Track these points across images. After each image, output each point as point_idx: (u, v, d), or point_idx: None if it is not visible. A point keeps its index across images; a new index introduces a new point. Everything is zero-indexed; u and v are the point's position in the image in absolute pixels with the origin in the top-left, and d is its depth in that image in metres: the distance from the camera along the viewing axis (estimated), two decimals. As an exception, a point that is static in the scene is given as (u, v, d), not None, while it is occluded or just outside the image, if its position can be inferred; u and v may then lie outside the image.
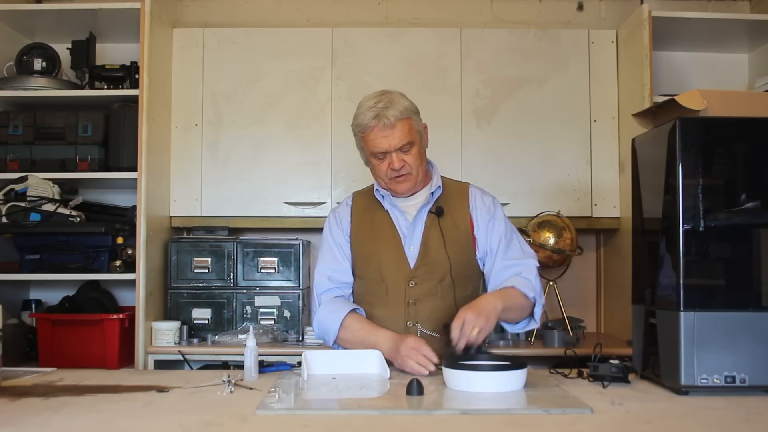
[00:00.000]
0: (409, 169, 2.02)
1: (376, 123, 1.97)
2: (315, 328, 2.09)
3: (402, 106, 1.99)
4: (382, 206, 2.12)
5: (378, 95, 2.01)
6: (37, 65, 3.19)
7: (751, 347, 1.63)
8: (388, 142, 1.98)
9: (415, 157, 2.03)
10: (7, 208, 2.96)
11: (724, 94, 1.84)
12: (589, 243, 3.54)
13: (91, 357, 2.89)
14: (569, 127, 3.31)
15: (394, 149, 1.99)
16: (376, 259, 2.08)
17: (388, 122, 1.96)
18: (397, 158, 1.99)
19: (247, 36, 3.35)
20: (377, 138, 1.98)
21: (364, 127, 1.99)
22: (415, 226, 2.08)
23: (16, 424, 1.39)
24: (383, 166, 2.02)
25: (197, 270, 3.19)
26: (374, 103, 1.98)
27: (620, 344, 3.00)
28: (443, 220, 2.07)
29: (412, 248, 2.06)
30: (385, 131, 1.97)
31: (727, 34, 3.33)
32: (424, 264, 2.05)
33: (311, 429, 1.34)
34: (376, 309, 2.06)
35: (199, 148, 3.31)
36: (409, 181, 2.05)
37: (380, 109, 1.96)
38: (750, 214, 1.71)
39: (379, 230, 2.10)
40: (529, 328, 2.10)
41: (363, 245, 2.11)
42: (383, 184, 2.08)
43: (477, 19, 3.58)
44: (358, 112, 2.02)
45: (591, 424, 1.38)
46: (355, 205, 2.18)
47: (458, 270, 2.05)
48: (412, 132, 2.00)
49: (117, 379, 1.87)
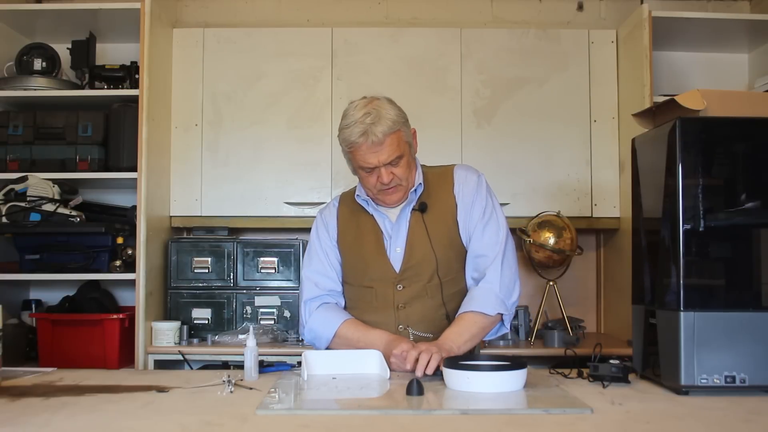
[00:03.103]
0: (398, 181, 1.99)
1: (364, 140, 1.90)
2: (306, 334, 2.08)
3: (390, 120, 1.92)
4: (366, 210, 2.10)
5: (365, 106, 1.93)
6: (37, 65, 3.19)
7: (751, 347, 1.63)
8: (377, 158, 1.93)
9: (405, 168, 1.99)
10: (7, 208, 2.96)
11: (724, 94, 1.84)
12: (589, 243, 3.54)
13: (91, 357, 2.89)
14: (569, 127, 3.31)
15: (383, 164, 1.94)
16: (362, 265, 2.06)
17: (376, 139, 1.90)
18: (386, 172, 1.95)
19: (247, 36, 3.35)
20: (366, 154, 1.93)
21: (351, 144, 1.93)
22: (400, 227, 2.05)
23: (16, 424, 1.38)
24: (372, 179, 1.98)
25: (197, 270, 3.19)
26: (362, 117, 1.91)
27: (620, 344, 3.00)
28: (427, 216, 2.04)
29: (398, 250, 2.04)
30: (373, 148, 1.91)
31: (727, 34, 3.33)
32: (411, 266, 2.02)
33: (311, 429, 1.34)
34: (366, 315, 2.05)
35: (199, 148, 3.31)
36: (399, 191, 2.01)
37: (368, 126, 1.89)
38: (750, 214, 1.70)
39: (363, 235, 2.08)
40: (500, 333, 2.08)
41: (349, 252, 2.09)
42: (372, 194, 2.04)
43: (477, 19, 3.58)
44: (344, 124, 1.95)
45: (591, 424, 1.38)
46: (341, 208, 2.15)
47: (446, 267, 2.02)
48: (401, 145, 1.95)
49: (117, 379, 1.87)
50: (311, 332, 2.06)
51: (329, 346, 2.05)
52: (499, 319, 2.02)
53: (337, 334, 2.01)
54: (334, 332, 2.01)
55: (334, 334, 2.01)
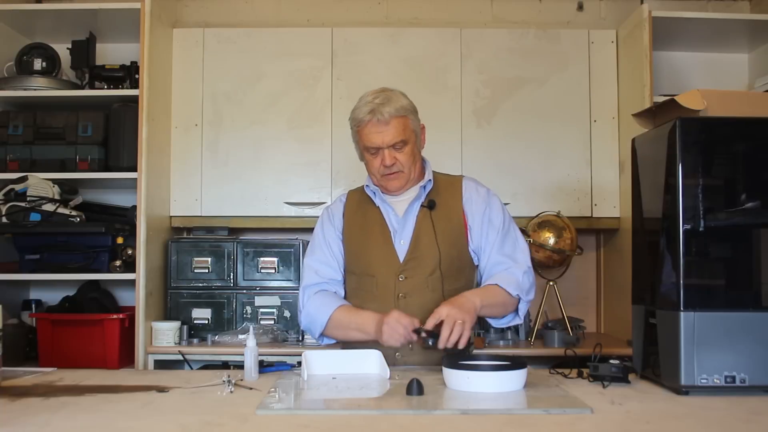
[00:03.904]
0: (400, 167, 2.04)
1: (370, 118, 1.99)
2: (303, 319, 2.10)
3: (399, 104, 2.01)
4: (374, 202, 2.13)
5: (378, 91, 2.04)
6: (37, 65, 3.19)
7: (751, 347, 1.63)
8: (381, 138, 2.00)
9: (408, 156, 2.04)
10: (7, 208, 2.96)
11: (724, 94, 1.84)
12: (589, 243, 3.54)
13: (91, 357, 2.89)
14: (569, 127, 3.31)
15: (387, 146, 2.00)
16: (366, 254, 2.09)
17: (382, 118, 1.98)
18: (389, 155, 2.01)
19: (247, 36, 3.35)
20: (371, 133, 2.00)
21: (359, 121, 2.02)
22: (406, 221, 2.09)
23: (16, 424, 1.39)
24: (376, 162, 2.05)
25: (197, 270, 3.19)
26: (372, 99, 2.01)
27: (620, 344, 3.00)
28: (435, 213, 2.08)
29: (402, 242, 2.07)
30: (379, 127, 1.99)
31: (727, 34, 3.33)
32: (414, 257, 2.05)
33: (311, 429, 1.34)
34: (367, 303, 2.06)
35: (199, 148, 3.31)
36: (401, 179, 2.06)
37: (377, 105, 1.99)
38: (750, 214, 1.70)
39: (369, 226, 2.11)
40: (513, 323, 2.12)
41: (354, 241, 2.12)
42: (375, 180, 2.10)
43: (477, 19, 3.58)
44: (356, 106, 2.05)
45: (591, 424, 1.38)
46: (349, 202, 2.20)
47: (448, 263, 2.05)
48: (406, 131, 2.02)
49: (117, 379, 1.87)
50: (308, 316, 2.08)
51: (324, 331, 2.06)
52: (515, 303, 2.05)
53: (331, 318, 2.03)
54: (329, 316, 2.03)
55: (328, 318, 2.03)
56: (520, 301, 2.05)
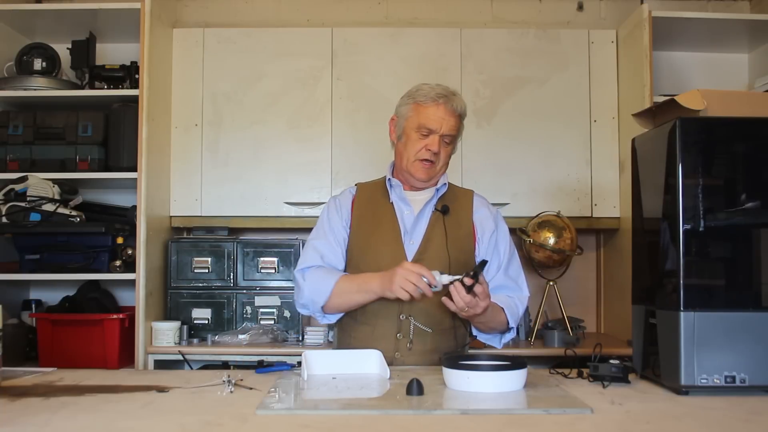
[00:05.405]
0: (437, 159, 2.06)
1: (442, 102, 2.03)
2: (304, 293, 2.03)
3: (464, 106, 2.08)
4: (388, 198, 2.12)
5: (445, 86, 2.08)
6: (37, 65, 3.19)
7: (751, 347, 1.63)
8: (440, 123, 2.03)
9: (447, 153, 2.09)
10: (7, 208, 2.96)
11: (724, 94, 1.84)
12: (589, 243, 3.54)
13: (91, 357, 2.89)
14: (569, 127, 3.31)
15: (441, 133, 2.04)
16: (373, 250, 2.07)
17: (451, 108, 2.03)
18: (439, 142, 2.04)
19: (247, 36, 3.35)
20: (435, 114, 2.03)
21: (425, 98, 2.04)
22: (419, 221, 2.09)
23: (16, 424, 1.38)
24: (419, 144, 2.05)
25: (197, 270, 3.19)
26: (443, 90, 2.06)
27: (620, 344, 3.00)
28: (448, 218, 2.09)
29: (412, 242, 2.07)
30: (444, 113, 2.03)
31: (727, 34, 3.33)
32: (422, 259, 2.03)
33: (311, 429, 1.34)
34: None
35: (199, 148, 3.31)
36: (432, 170, 2.07)
37: (449, 94, 2.05)
38: (750, 214, 1.71)
39: (380, 222, 2.10)
40: (489, 344, 2.14)
41: (361, 236, 2.10)
42: (407, 164, 2.07)
43: (477, 19, 3.58)
44: (418, 88, 2.07)
45: (591, 424, 1.38)
46: (359, 195, 2.17)
47: (456, 268, 2.04)
48: (458, 130, 2.09)
49: (117, 379, 1.87)
50: (311, 287, 2.01)
51: (327, 302, 2.01)
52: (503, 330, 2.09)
53: (335, 285, 1.99)
54: (334, 282, 1.99)
55: (333, 284, 1.99)
56: (508, 332, 2.09)
